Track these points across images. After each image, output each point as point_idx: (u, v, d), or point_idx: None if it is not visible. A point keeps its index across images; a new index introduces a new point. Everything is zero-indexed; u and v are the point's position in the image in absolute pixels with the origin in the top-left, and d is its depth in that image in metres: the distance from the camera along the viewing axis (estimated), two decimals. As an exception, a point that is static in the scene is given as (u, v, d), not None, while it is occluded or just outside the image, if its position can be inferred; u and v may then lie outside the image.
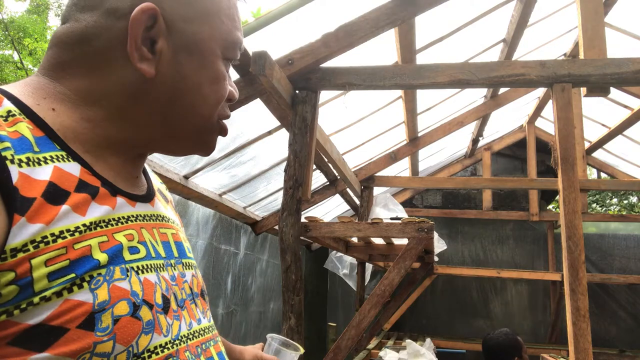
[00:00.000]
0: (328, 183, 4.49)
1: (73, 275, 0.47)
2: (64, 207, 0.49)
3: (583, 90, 2.63)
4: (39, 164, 0.49)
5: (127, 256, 0.53)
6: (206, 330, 0.64)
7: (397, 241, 3.81)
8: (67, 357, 0.46)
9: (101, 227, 0.52)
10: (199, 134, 0.64)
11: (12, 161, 0.47)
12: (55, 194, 0.49)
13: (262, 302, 4.92)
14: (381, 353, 3.95)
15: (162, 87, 0.58)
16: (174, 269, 0.62)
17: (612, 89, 2.58)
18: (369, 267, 5.09)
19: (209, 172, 3.29)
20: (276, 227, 4.11)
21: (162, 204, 0.68)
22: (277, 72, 2.33)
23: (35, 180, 0.48)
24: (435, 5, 2.47)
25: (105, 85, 0.57)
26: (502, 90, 4.43)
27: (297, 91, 2.63)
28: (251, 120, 3.03)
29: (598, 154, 5.88)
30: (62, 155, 0.52)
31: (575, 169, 2.44)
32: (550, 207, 8.61)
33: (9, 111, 0.50)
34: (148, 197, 0.64)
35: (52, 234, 0.47)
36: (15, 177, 0.46)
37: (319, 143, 2.97)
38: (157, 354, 0.53)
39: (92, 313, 0.47)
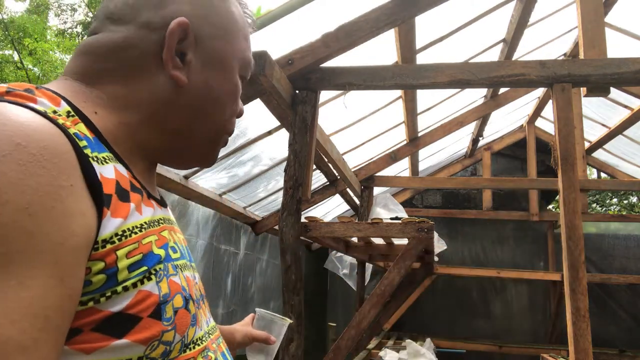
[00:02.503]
0: (328, 183, 4.49)
1: (145, 268, 0.52)
2: (131, 204, 0.53)
3: (583, 90, 2.63)
4: (103, 163, 0.52)
5: (172, 254, 0.58)
6: (214, 329, 0.69)
7: (397, 241, 3.81)
8: (140, 344, 0.50)
9: (153, 226, 0.57)
10: (209, 144, 0.68)
11: (92, 159, 0.50)
12: (122, 192, 0.53)
13: (262, 302, 4.92)
14: (381, 353, 3.95)
15: (190, 95, 0.63)
16: (191, 270, 0.66)
17: (612, 89, 2.58)
18: (369, 267, 5.09)
19: (209, 172, 3.29)
20: (276, 227, 4.11)
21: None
22: (277, 72, 2.33)
23: (107, 178, 0.51)
24: (436, 5, 2.47)
25: (140, 92, 0.61)
26: (502, 90, 4.43)
27: (297, 91, 2.63)
28: (251, 120, 3.03)
29: (598, 154, 5.88)
30: (112, 157, 0.56)
31: (575, 169, 2.44)
32: (550, 207, 8.60)
33: (69, 111, 0.53)
34: (164, 202, 0.68)
35: (128, 229, 0.51)
36: (98, 173, 0.50)
37: (319, 143, 2.98)
38: (198, 345, 0.58)
39: (159, 304, 0.52)
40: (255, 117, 2.98)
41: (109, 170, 0.52)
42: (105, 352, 0.48)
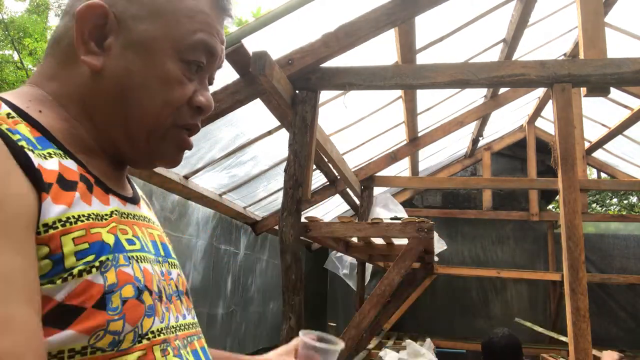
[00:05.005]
0: (328, 183, 4.49)
1: (93, 256, 0.51)
2: (76, 194, 0.53)
3: (583, 90, 2.63)
4: (45, 158, 0.53)
5: (127, 246, 0.57)
6: (190, 326, 0.67)
7: (397, 241, 3.82)
8: (84, 334, 0.49)
9: (105, 219, 0.56)
10: (150, 139, 0.62)
11: (29, 150, 0.50)
12: (65, 182, 0.53)
13: (262, 302, 4.92)
14: (381, 353, 3.95)
15: (110, 82, 0.60)
16: (162, 265, 0.65)
17: (612, 89, 2.58)
18: (369, 267, 5.09)
19: (209, 172, 3.29)
20: (276, 227, 4.11)
21: (147, 209, 0.72)
22: (277, 72, 2.33)
23: (48, 170, 0.51)
24: (436, 5, 2.47)
25: (69, 84, 0.61)
26: (502, 90, 4.43)
27: (297, 91, 2.63)
28: (251, 120, 3.03)
29: (598, 154, 5.88)
30: (59, 153, 0.56)
31: (575, 169, 2.44)
32: (550, 207, 8.60)
33: (9, 113, 0.54)
34: (135, 200, 0.68)
35: (74, 216, 0.51)
36: (37, 162, 0.50)
37: (319, 143, 2.97)
38: (156, 336, 0.56)
39: (104, 294, 0.51)
40: (255, 117, 2.98)
41: (51, 163, 0.52)
42: (49, 343, 0.47)
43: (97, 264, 0.51)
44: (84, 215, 0.52)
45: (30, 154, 0.50)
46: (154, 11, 0.61)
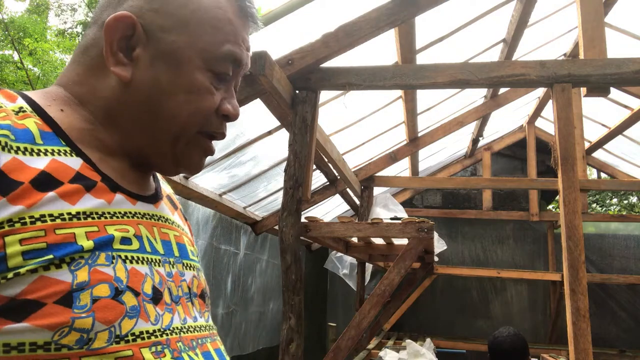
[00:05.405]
0: (328, 183, 4.49)
1: (51, 256, 0.51)
2: (50, 194, 0.53)
3: (583, 90, 2.63)
4: (37, 155, 0.54)
5: (117, 246, 0.57)
6: (202, 328, 0.67)
7: (397, 241, 3.81)
8: (46, 329, 0.49)
9: (93, 218, 0.56)
10: (176, 145, 0.65)
11: (4, 146, 0.52)
12: (44, 181, 0.53)
13: (262, 302, 4.91)
14: (381, 353, 3.94)
15: (138, 92, 0.62)
16: (173, 266, 0.65)
17: (612, 89, 2.58)
18: (369, 267, 5.09)
19: (209, 172, 3.29)
20: (276, 227, 4.11)
21: (168, 209, 0.72)
22: (277, 72, 2.33)
23: (29, 167, 0.53)
24: (436, 5, 2.47)
25: (96, 90, 0.63)
26: (502, 90, 4.43)
27: (297, 91, 2.63)
28: (251, 120, 3.03)
29: (598, 154, 5.88)
30: (65, 150, 0.57)
31: (575, 169, 2.44)
32: (550, 207, 8.60)
33: (21, 107, 0.56)
34: (152, 199, 0.67)
35: (31, 217, 0.51)
36: (4, 161, 0.51)
37: (319, 143, 2.97)
38: (142, 339, 0.55)
39: (70, 292, 0.51)
40: (255, 117, 2.98)
41: (38, 161, 0.53)
42: (1, 334, 0.48)
43: (57, 262, 0.51)
44: (51, 215, 0.52)
45: (3, 153, 0.51)
46: (181, 22, 0.62)
